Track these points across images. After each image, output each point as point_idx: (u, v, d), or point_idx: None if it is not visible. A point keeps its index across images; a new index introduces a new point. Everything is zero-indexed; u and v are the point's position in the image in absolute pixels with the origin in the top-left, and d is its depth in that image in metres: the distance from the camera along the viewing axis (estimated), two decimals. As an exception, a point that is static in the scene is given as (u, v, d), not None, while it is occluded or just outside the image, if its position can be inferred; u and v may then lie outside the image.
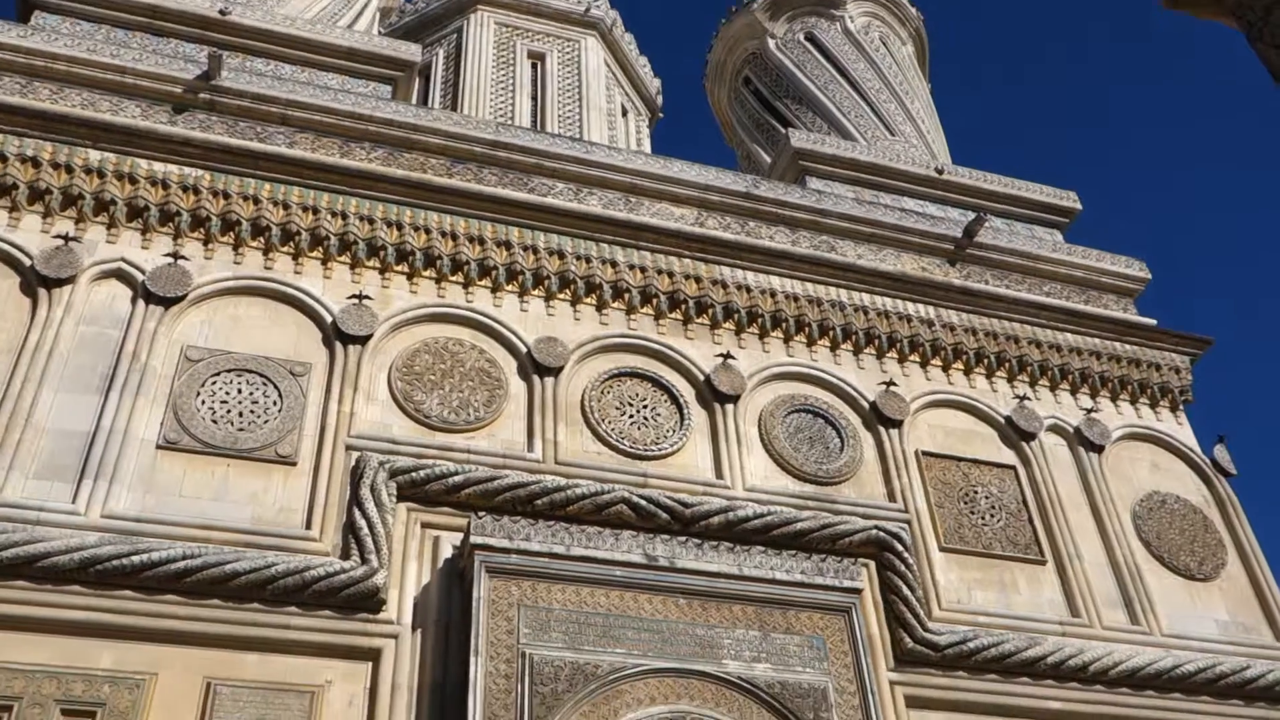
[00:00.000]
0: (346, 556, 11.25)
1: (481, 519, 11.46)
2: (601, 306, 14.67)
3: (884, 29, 24.87)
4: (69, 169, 13.20)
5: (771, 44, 24.58)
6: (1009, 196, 19.46)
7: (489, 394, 13.23)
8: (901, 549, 13.25)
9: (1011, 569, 14.08)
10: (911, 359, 15.89)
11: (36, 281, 12.33)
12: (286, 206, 13.83)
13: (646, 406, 13.92)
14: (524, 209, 15.00)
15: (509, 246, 14.56)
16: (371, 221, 14.10)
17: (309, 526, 11.47)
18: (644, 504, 12.55)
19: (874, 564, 13.23)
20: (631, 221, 15.55)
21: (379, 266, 13.92)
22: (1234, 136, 54.37)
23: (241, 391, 12.23)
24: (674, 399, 14.09)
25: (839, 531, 13.19)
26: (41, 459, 11.12)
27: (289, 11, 17.42)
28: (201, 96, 14.57)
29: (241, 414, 12.05)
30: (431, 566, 11.69)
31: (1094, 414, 16.28)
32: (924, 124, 22.38)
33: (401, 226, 14.20)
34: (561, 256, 14.74)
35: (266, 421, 12.08)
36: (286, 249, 13.65)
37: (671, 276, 15.17)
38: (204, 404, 12.00)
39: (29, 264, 12.43)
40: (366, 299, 13.45)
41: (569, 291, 14.61)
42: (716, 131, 28.87)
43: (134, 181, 13.38)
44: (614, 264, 14.96)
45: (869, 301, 16.08)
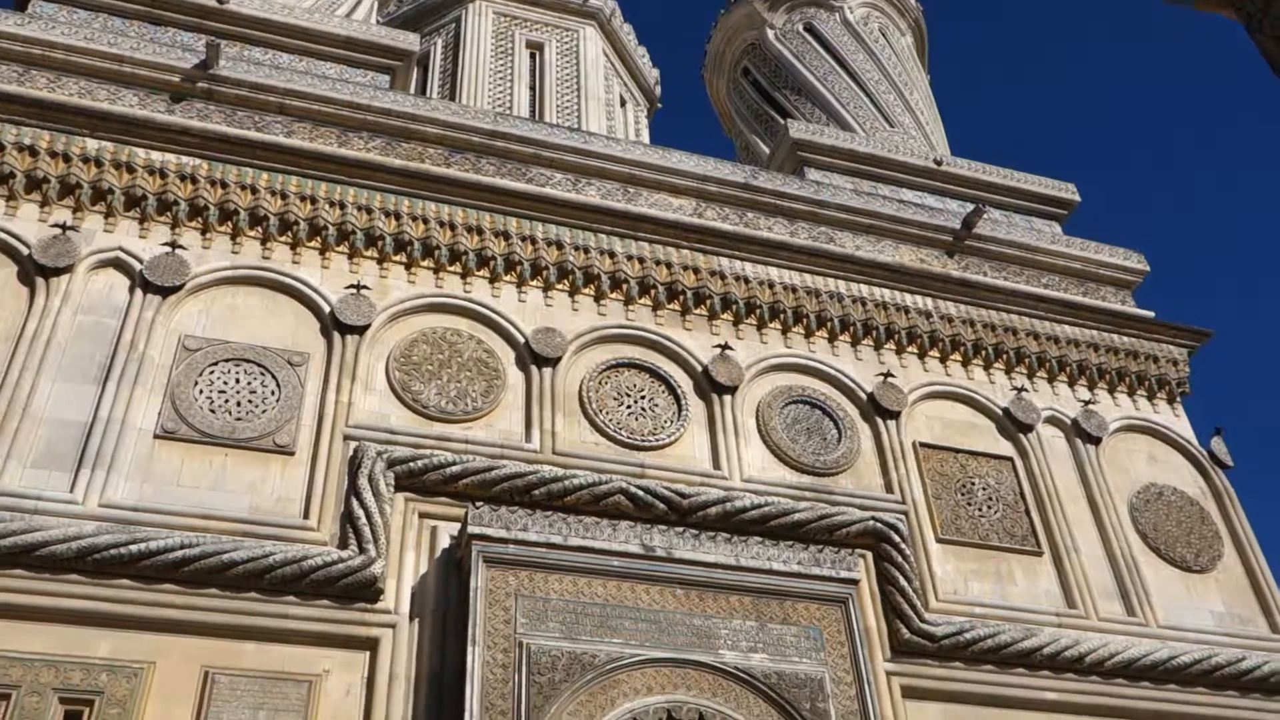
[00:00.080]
0: (344, 546, 11.26)
1: (479, 509, 11.48)
2: (599, 297, 14.67)
3: (883, 20, 24.84)
4: (66, 158, 13.18)
5: (770, 34, 24.55)
6: (1007, 188, 19.45)
7: (487, 384, 13.24)
8: (898, 540, 13.27)
9: (1008, 560, 14.11)
10: (909, 350, 15.90)
11: (34, 270, 12.33)
12: (284, 196, 13.81)
13: (644, 397, 13.92)
14: (522, 199, 14.99)
15: (507, 237, 14.55)
16: (369, 211, 14.09)
17: (307, 516, 11.48)
18: (641, 494, 12.56)
19: (871, 555, 13.25)
20: (630, 212, 15.54)
21: (377, 256, 13.92)
22: (1233, 129, 54.39)
23: (239, 381, 12.23)
24: (672, 390, 14.10)
25: (836, 522, 13.21)
26: (39, 448, 11.13)
27: (287, 0, 17.38)
28: (199, 85, 14.54)
29: (239, 404, 12.05)
30: (429, 556, 11.71)
31: (1091, 406, 16.29)
32: (923, 115, 22.37)
33: (399, 216, 14.19)
34: (559, 247, 14.73)
35: (264, 411, 12.08)
36: (284, 239, 13.64)
37: (669, 267, 15.16)
38: (202, 394, 12.00)
39: (26, 253, 12.42)
40: (364, 289, 13.44)
41: (567, 282, 14.61)
42: (715, 122, 28.86)
43: (131, 171, 13.36)
44: (612, 254, 14.95)
45: (867, 293, 16.08)
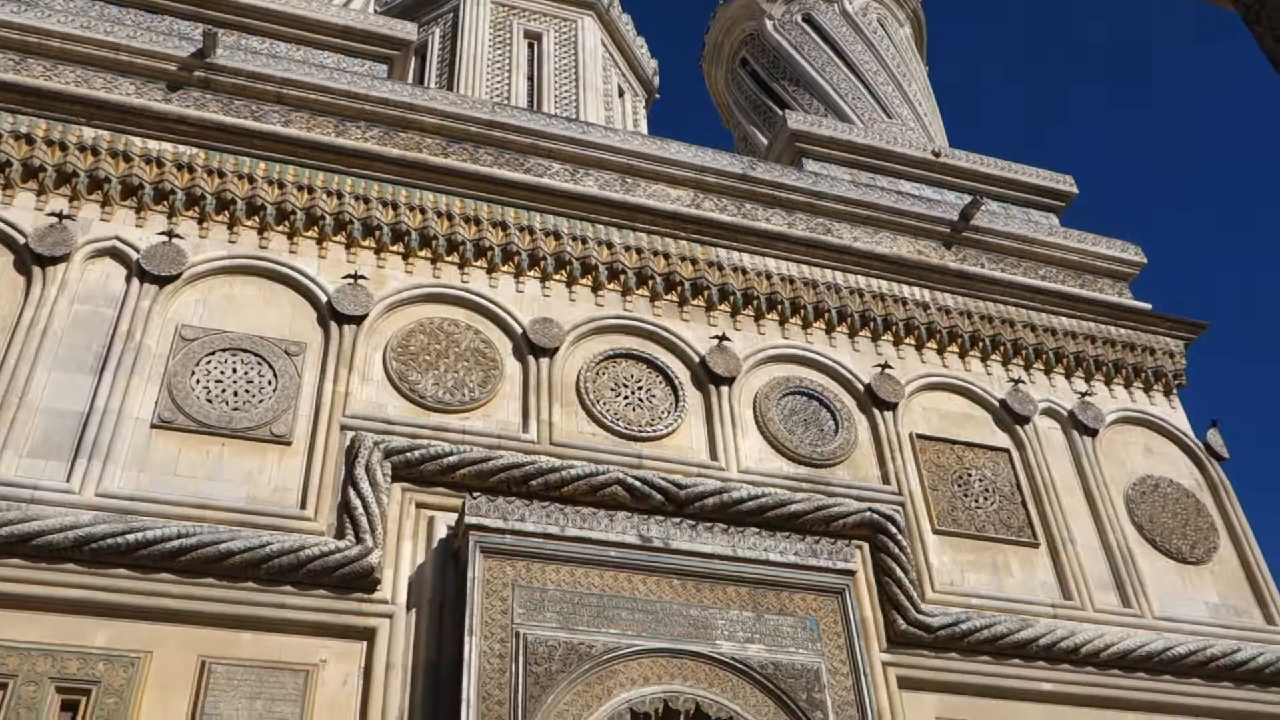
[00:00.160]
0: (341, 536, 11.26)
1: (476, 499, 11.49)
2: (597, 288, 14.66)
3: (882, 10, 24.79)
4: (63, 146, 13.15)
5: (769, 25, 24.49)
6: (1005, 180, 19.44)
7: (484, 374, 13.23)
8: (895, 531, 13.29)
9: (1004, 551, 14.14)
10: (907, 342, 15.91)
11: (30, 259, 12.30)
12: (282, 185, 13.79)
13: (641, 388, 13.92)
14: (520, 189, 14.96)
15: (505, 227, 14.53)
16: (367, 201, 14.07)
17: (304, 506, 11.48)
18: (639, 485, 12.57)
19: (867, 546, 13.27)
20: (627, 203, 15.52)
21: (374, 246, 13.90)
22: (1231, 122, 54.37)
23: (236, 371, 12.22)
24: (669, 381, 14.10)
25: (833, 514, 13.22)
26: (36, 437, 11.12)
27: (284, -11, 17.29)
28: (196, 74, 14.50)
29: (236, 393, 12.04)
30: (426, 546, 11.71)
31: (1088, 398, 16.31)
32: (921, 106, 22.34)
33: (397, 206, 14.17)
34: (557, 237, 14.71)
35: (261, 401, 12.07)
36: (281, 228, 13.62)
37: (667, 258, 15.15)
38: (199, 383, 11.99)
39: (23, 242, 12.40)
40: (362, 279, 13.43)
41: (565, 272, 14.60)
42: (713, 113, 28.82)
43: (128, 159, 13.33)
44: (610, 245, 14.94)
45: (865, 284, 16.08)
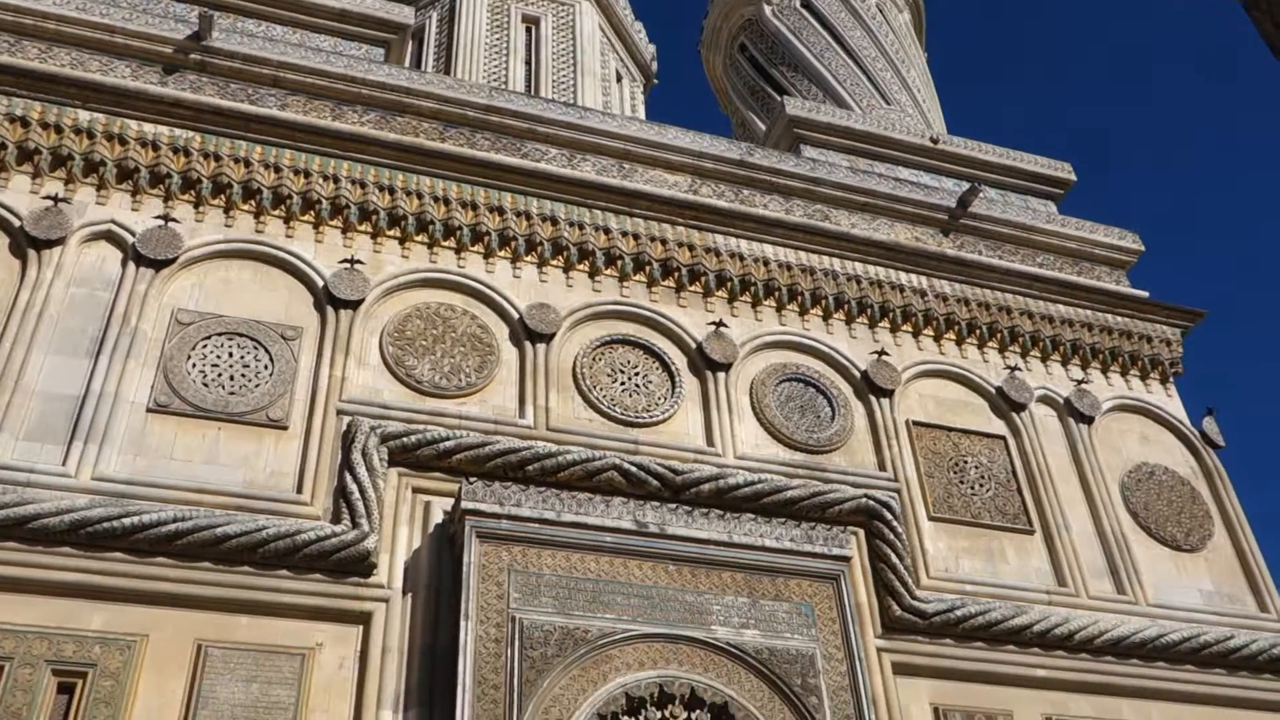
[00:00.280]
0: (337, 520, 11.27)
1: (472, 484, 11.50)
2: (594, 273, 14.65)
3: (881, -4, 24.71)
4: (58, 129, 13.10)
5: (768, 10, 24.42)
6: (1003, 167, 19.42)
7: (481, 360, 13.23)
8: (890, 518, 13.32)
9: (1000, 538, 14.18)
10: (904, 329, 15.91)
11: (26, 242, 12.27)
12: (278, 169, 13.75)
13: (638, 374, 13.93)
14: (517, 174, 14.93)
15: (502, 212, 14.51)
16: (364, 185, 14.03)
17: (300, 490, 11.49)
18: (635, 471, 12.58)
19: (863, 532, 13.30)
20: (625, 188, 15.50)
21: (371, 231, 13.87)
22: (1230, 110, 54.30)
23: (232, 355, 12.20)
24: (666, 366, 14.10)
25: (829, 500, 13.25)
26: (31, 421, 11.11)
27: (281, -28, 17.19)
28: (192, 57, 14.44)
29: (233, 378, 12.03)
30: (422, 531, 11.73)
31: (1084, 385, 16.33)
32: (920, 93, 22.30)
33: (394, 191, 14.14)
34: (554, 223, 14.69)
35: (258, 385, 12.07)
36: (278, 212, 13.59)
37: (664, 244, 15.14)
38: (195, 367, 11.98)
39: (18, 225, 12.36)
40: (358, 263, 13.41)
41: (562, 258, 14.58)
42: (711, 99, 28.78)
43: (124, 143, 13.28)
44: (607, 231, 14.92)
45: (862, 271, 16.08)
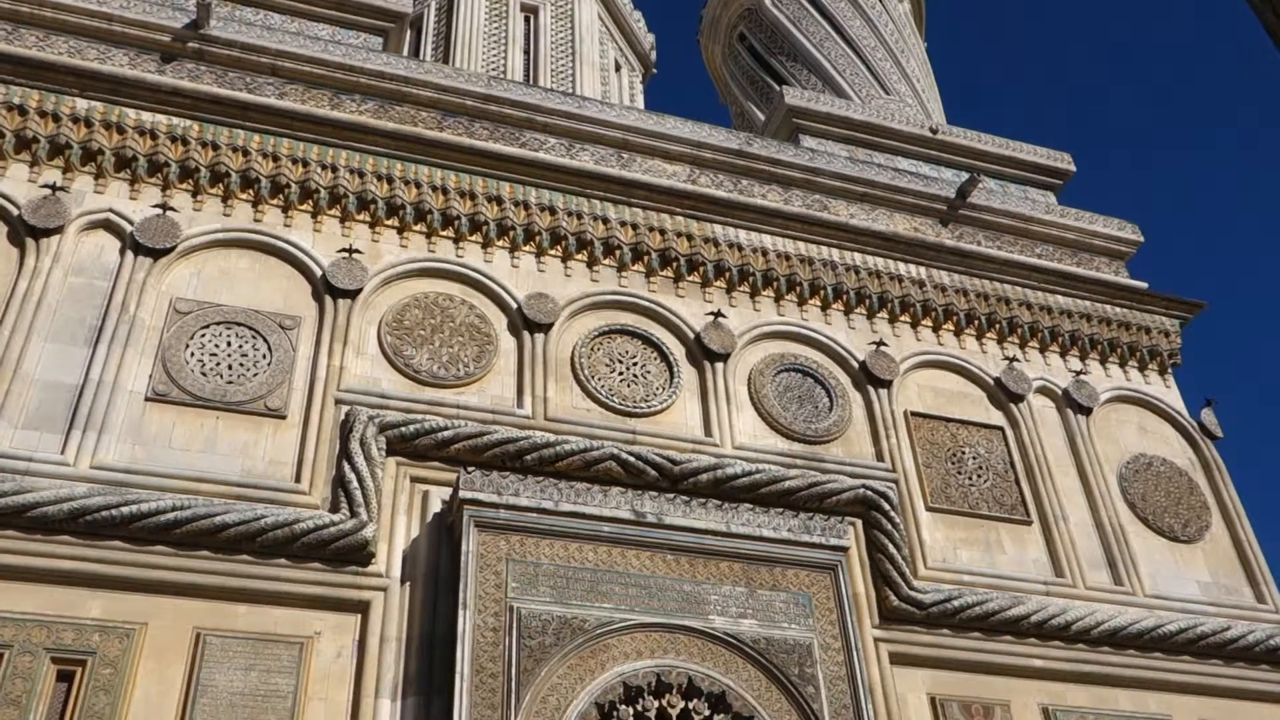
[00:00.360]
0: (336, 510, 11.28)
1: (471, 474, 11.50)
2: (592, 263, 14.64)
3: (881, -14, 24.64)
4: (56, 117, 13.08)
5: (767, 0, 24.35)
6: (1003, 157, 19.39)
7: (479, 349, 13.23)
8: (888, 508, 13.33)
9: (997, 529, 14.20)
10: (902, 319, 15.91)
11: (24, 231, 12.26)
12: (276, 159, 13.73)
13: (636, 364, 13.93)
14: (516, 164, 14.91)
15: (500, 202, 14.49)
16: (362, 175, 14.01)
17: (298, 480, 11.50)
18: (633, 461, 12.59)
19: (861, 523, 13.32)
20: (623, 178, 15.48)
21: (369, 220, 13.85)
22: (1230, 101, 54.22)
23: (231, 344, 12.20)
24: (664, 357, 14.10)
25: (826, 490, 13.26)
26: (30, 410, 11.11)
27: (279, -40, 17.14)
28: (190, 46, 14.40)
29: (231, 367, 12.03)
30: (420, 520, 11.74)
31: (1083, 376, 16.34)
32: (919, 83, 22.27)
33: (392, 180, 14.12)
34: (553, 212, 14.68)
35: (256, 375, 12.07)
36: (276, 201, 13.58)
37: (663, 234, 15.12)
38: (193, 356, 11.98)
39: (16, 213, 12.35)
40: (356, 253, 13.39)
41: (560, 248, 14.57)
42: (710, 89, 28.72)
43: (122, 131, 13.26)
44: (605, 221, 14.90)
45: (860, 261, 16.06)
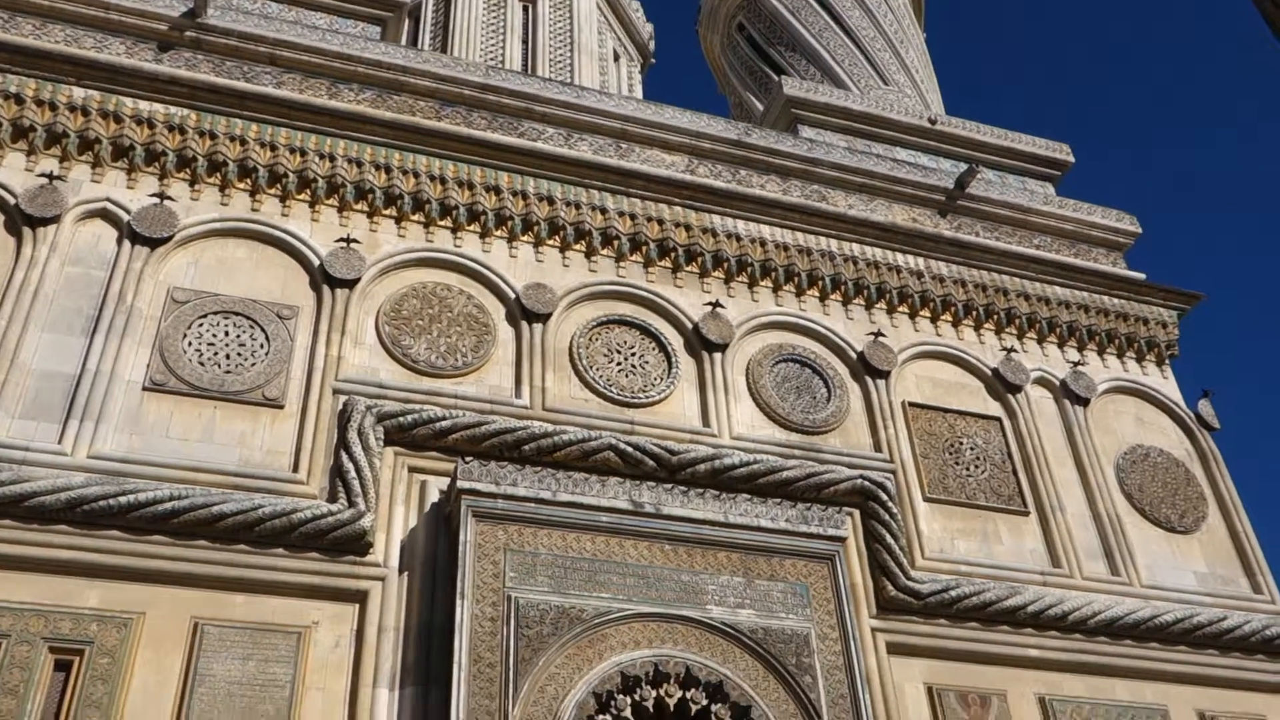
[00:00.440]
0: (334, 499, 11.28)
1: (468, 464, 11.50)
2: (590, 253, 14.62)
3: (880, -24, 24.59)
4: (52, 106, 13.04)
5: (766, -11, 24.31)
6: (1001, 148, 19.36)
7: (477, 339, 13.22)
8: (886, 498, 13.35)
9: (994, 519, 14.22)
10: (900, 310, 15.91)
11: (21, 220, 12.23)
12: (274, 148, 13.70)
13: (634, 354, 13.92)
14: (514, 153, 14.88)
15: (498, 191, 14.47)
16: (359, 164, 13.99)
17: (296, 469, 11.50)
18: (631, 451, 12.59)
19: (858, 513, 13.33)
20: (622, 168, 15.45)
21: (367, 210, 13.83)
22: (1228, 92, 54.17)
23: (228, 334, 12.19)
24: (662, 347, 14.10)
25: (824, 480, 13.27)
26: (27, 399, 11.10)
27: (276, -51, 17.10)
28: (187, 34, 14.36)
29: (229, 356, 12.02)
30: (418, 510, 11.74)
31: (1080, 367, 16.35)
32: (918, 73, 22.24)
33: (390, 170, 14.09)
34: (551, 202, 14.66)
35: (254, 364, 12.06)
36: (274, 191, 13.55)
37: (661, 224, 15.10)
38: (191, 346, 11.96)
39: (13, 202, 12.32)
40: (354, 242, 13.37)
41: (558, 238, 14.55)
42: (709, 79, 28.69)
43: (119, 120, 13.23)
44: (603, 210, 14.88)
45: (859, 252, 16.06)
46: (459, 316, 13.33)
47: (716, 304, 14.69)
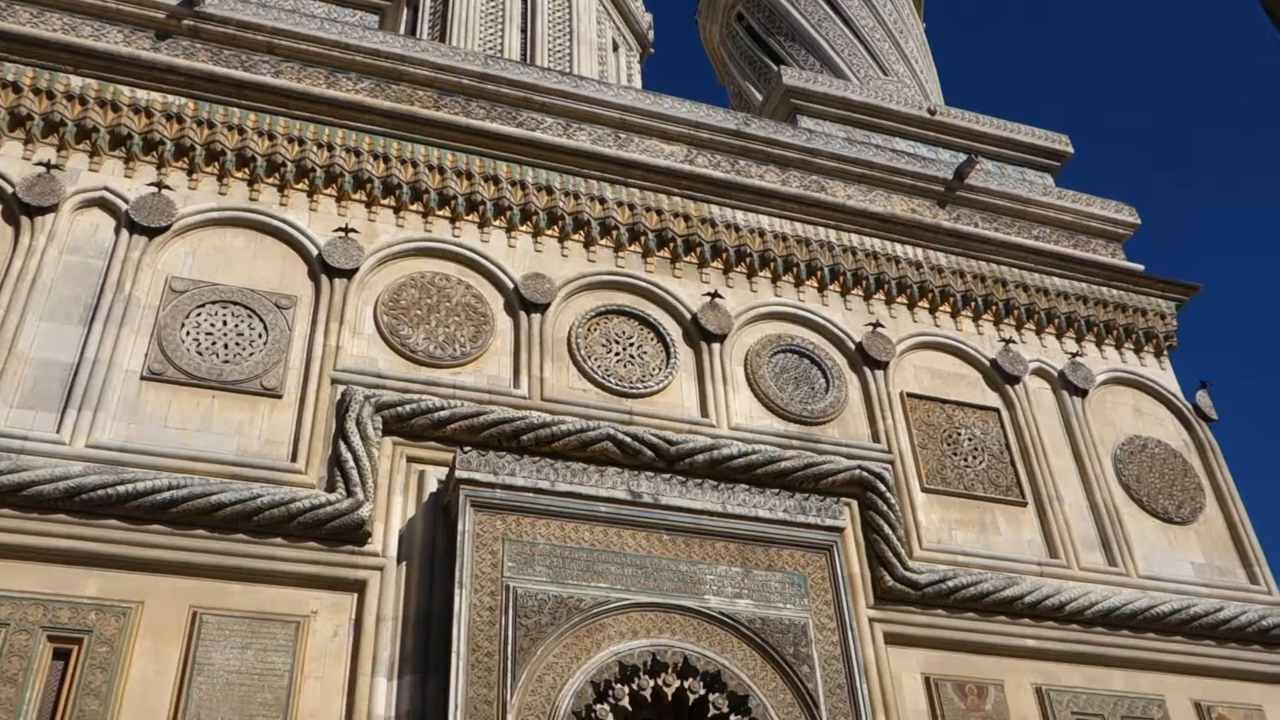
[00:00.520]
0: (332, 489, 11.29)
1: (467, 454, 11.51)
2: (589, 243, 14.60)
3: (879, -35, 24.53)
4: (50, 95, 13.01)
5: (765, -21, 24.25)
6: (1000, 139, 19.34)
7: (475, 329, 13.21)
8: (884, 489, 13.36)
9: (992, 510, 14.24)
10: (899, 301, 15.90)
11: (19, 209, 12.21)
12: (272, 137, 13.67)
13: (633, 344, 13.92)
14: (512, 143, 14.85)
15: (496, 181, 14.45)
16: (358, 154, 13.96)
17: (294, 459, 11.50)
18: (629, 441, 12.60)
19: (856, 503, 13.35)
20: (620, 158, 15.42)
21: (365, 199, 13.81)
22: (1227, 83, 54.11)
23: (227, 324, 12.18)
24: (661, 337, 14.09)
25: (822, 471, 13.29)
26: (25, 388, 11.09)
27: (274, -63, 17.03)
28: (185, 23, 14.32)
29: (227, 346, 12.01)
30: (417, 500, 11.75)
31: (1078, 358, 16.36)
32: (917, 63, 22.20)
33: (388, 159, 14.07)
34: (549, 192, 14.63)
35: (252, 354, 12.05)
36: (272, 180, 13.52)
37: (660, 214, 15.09)
38: (189, 335, 11.96)
39: (11, 191, 12.30)
40: (353, 232, 13.36)
41: (557, 228, 14.53)
42: (708, 69, 28.63)
43: (116, 109, 13.19)
44: (602, 201, 14.86)
45: (858, 242, 16.04)
46: (457, 306, 13.33)
47: (715, 294, 14.69)
